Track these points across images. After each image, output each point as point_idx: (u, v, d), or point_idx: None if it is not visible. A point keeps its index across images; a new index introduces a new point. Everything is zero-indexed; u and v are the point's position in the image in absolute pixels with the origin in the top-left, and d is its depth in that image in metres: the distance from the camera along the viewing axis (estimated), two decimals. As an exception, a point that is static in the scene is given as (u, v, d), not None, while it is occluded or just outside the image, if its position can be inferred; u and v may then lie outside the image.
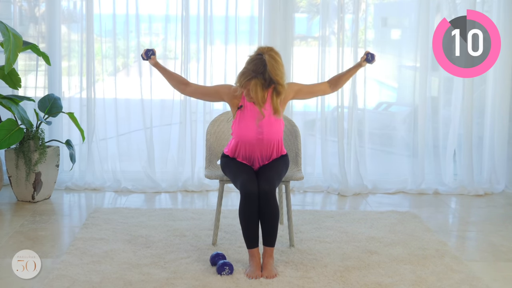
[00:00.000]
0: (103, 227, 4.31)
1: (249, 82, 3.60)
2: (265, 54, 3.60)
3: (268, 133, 3.74)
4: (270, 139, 3.75)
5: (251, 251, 3.62)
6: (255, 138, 3.73)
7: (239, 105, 3.76)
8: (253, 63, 3.62)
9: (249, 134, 3.74)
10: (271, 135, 3.75)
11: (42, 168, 4.92)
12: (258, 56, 3.62)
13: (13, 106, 4.74)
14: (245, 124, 3.74)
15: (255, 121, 3.72)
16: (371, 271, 3.65)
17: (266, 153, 3.78)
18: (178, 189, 5.37)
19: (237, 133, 3.79)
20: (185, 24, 5.26)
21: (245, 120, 3.74)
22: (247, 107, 3.73)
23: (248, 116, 3.73)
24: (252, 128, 3.73)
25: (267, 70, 3.57)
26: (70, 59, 5.39)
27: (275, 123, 3.74)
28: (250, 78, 3.60)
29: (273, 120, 3.74)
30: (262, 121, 3.72)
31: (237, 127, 3.77)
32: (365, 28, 5.47)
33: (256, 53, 3.66)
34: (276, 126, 3.75)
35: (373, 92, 5.73)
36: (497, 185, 5.51)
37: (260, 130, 3.73)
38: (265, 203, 3.58)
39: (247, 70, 3.62)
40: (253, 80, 3.59)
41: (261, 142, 3.75)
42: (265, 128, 3.73)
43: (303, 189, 5.41)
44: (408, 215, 4.70)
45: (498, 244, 4.19)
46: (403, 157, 5.63)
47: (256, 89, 3.59)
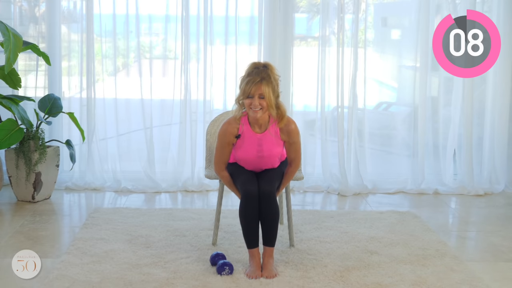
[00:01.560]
0: (103, 227, 4.31)
1: (259, 84, 3.54)
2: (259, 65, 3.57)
3: (268, 151, 3.69)
4: (271, 155, 3.72)
5: (251, 251, 3.62)
6: (255, 156, 3.71)
7: (237, 134, 3.68)
8: (256, 71, 3.55)
9: (250, 156, 3.71)
10: (271, 153, 3.71)
11: (42, 168, 4.92)
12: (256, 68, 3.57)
13: (13, 106, 4.74)
14: (245, 149, 3.70)
15: (255, 147, 3.67)
16: (371, 271, 3.65)
17: (266, 166, 3.76)
18: (178, 189, 5.37)
19: (237, 157, 3.76)
20: (185, 24, 5.25)
21: (244, 146, 3.70)
22: (246, 134, 3.68)
23: (247, 142, 3.69)
24: (253, 151, 3.69)
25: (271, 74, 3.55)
26: (70, 59, 5.39)
27: (276, 145, 3.70)
28: (259, 80, 3.53)
29: (274, 142, 3.70)
30: (262, 140, 3.67)
31: (237, 153, 3.74)
32: (365, 28, 5.47)
33: (251, 67, 3.59)
34: (277, 148, 3.71)
35: (373, 92, 5.73)
36: (497, 185, 5.51)
37: (260, 148, 3.67)
38: (265, 203, 3.58)
39: (253, 77, 3.52)
40: (264, 82, 3.52)
41: (261, 159, 3.72)
42: (264, 146, 3.68)
43: (303, 189, 5.41)
44: (408, 215, 4.70)
45: (498, 244, 4.19)
46: (403, 157, 5.63)
47: (269, 90, 3.53)
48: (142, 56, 5.39)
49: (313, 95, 5.40)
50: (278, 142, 3.71)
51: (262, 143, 3.68)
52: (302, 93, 5.53)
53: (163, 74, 5.48)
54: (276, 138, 3.69)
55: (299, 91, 5.47)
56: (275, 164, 3.76)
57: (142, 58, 5.38)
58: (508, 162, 5.56)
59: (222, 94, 5.37)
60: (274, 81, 3.57)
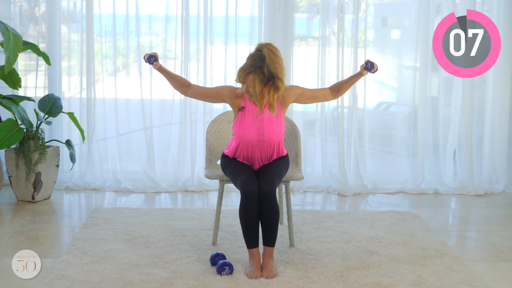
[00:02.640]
0: (103, 227, 4.31)
1: (247, 76, 3.61)
2: (264, 49, 3.61)
3: (268, 134, 3.73)
4: (270, 140, 3.75)
5: (251, 251, 3.62)
6: (256, 139, 3.73)
7: (241, 106, 3.76)
8: (251, 58, 3.64)
9: (250, 135, 3.74)
10: (272, 137, 3.75)
11: (42, 168, 4.92)
12: (257, 52, 3.65)
13: (13, 106, 4.74)
14: (246, 125, 3.74)
15: (257, 122, 3.72)
16: (371, 271, 3.65)
17: (267, 154, 3.78)
18: (178, 189, 5.37)
19: (238, 134, 3.78)
20: (185, 24, 5.26)
21: (246, 121, 3.74)
22: (248, 108, 3.73)
23: (249, 117, 3.73)
24: (253, 129, 3.73)
25: (266, 63, 3.58)
26: (70, 59, 5.39)
27: (275, 124, 3.74)
28: (249, 72, 3.60)
29: (274, 121, 3.73)
30: (263, 121, 3.71)
31: (238, 128, 3.77)
32: (365, 28, 5.47)
33: (256, 49, 3.69)
34: (276, 127, 3.75)
35: (373, 92, 5.73)
36: (497, 185, 5.51)
37: (260, 131, 3.72)
38: (265, 203, 3.58)
39: (246, 65, 3.63)
40: (251, 74, 3.60)
41: (261, 143, 3.74)
42: (265, 129, 3.72)
43: (303, 189, 5.41)
44: (408, 215, 4.70)
45: (498, 244, 4.19)
46: (403, 157, 5.63)
47: (254, 83, 3.60)
48: (142, 56, 5.38)
49: (313, 95, 5.39)
50: (278, 119, 3.74)
51: (263, 119, 3.71)
52: (302, 93, 5.52)
53: (164, 76, 5.47)
54: (277, 116, 3.72)
55: (299, 91, 5.47)
56: (273, 153, 3.78)
57: (142, 58, 5.37)
58: (508, 162, 5.56)
59: (222, 94, 5.37)
60: (272, 72, 3.59)
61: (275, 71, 3.59)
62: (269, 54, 3.59)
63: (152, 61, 3.88)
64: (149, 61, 3.88)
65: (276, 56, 3.61)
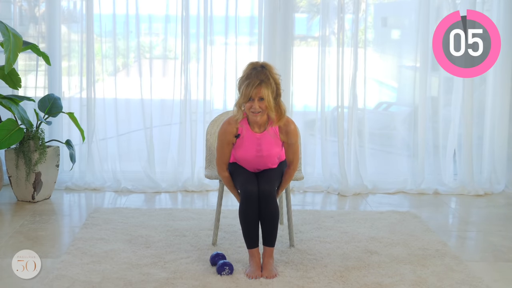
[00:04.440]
0: (103, 227, 4.31)
1: (259, 87, 3.51)
2: (257, 66, 3.56)
3: (267, 151, 3.70)
4: (269, 156, 3.72)
5: (251, 251, 3.62)
6: (254, 155, 3.72)
7: (237, 134, 3.69)
8: (254, 72, 3.54)
9: (248, 157, 3.72)
10: (270, 154, 3.71)
11: (42, 168, 4.92)
12: (254, 69, 3.56)
13: (13, 106, 4.74)
14: (244, 151, 3.71)
15: (254, 147, 3.67)
16: (371, 271, 3.65)
17: (266, 166, 3.76)
18: (178, 189, 5.37)
19: (236, 157, 3.76)
20: (185, 24, 5.25)
21: (243, 147, 3.70)
22: (246, 134, 3.69)
23: (246, 144, 3.69)
24: (252, 152, 3.70)
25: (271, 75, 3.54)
26: (70, 59, 5.39)
27: (275, 146, 3.71)
28: (259, 83, 3.52)
29: (273, 143, 3.70)
30: (262, 142, 3.67)
31: (236, 153, 3.74)
32: (365, 28, 5.47)
33: (249, 69, 3.58)
34: (276, 149, 3.71)
35: (373, 92, 5.73)
36: (497, 185, 5.51)
37: (259, 151, 3.68)
38: (265, 203, 3.58)
39: (251, 79, 3.52)
40: (263, 85, 3.51)
41: (260, 158, 3.73)
42: (264, 148, 3.68)
43: (303, 189, 5.41)
44: (408, 215, 4.70)
45: (498, 244, 4.19)
46: (403, 157, 5.63)
47: (268, 92, 3.51)
48: (142, 56, 5.39)
49: (313, 95, 5.40)
50: (277, 142, 3.71)
51: (261, 143, 3.68)
52: (302, 93, 5.53)
53: (163, 74, 5.48)
54: (275, 138, 3.69)
55: (299, 91, 5.48)
56: (274, 164, 3.77)
57: (142, 58, 5.38)
58: (508, 162, 5.56)
59: (222, 94, 5.37)
60: (274, 81, 3.57)
61: (276, 78, 3.58)
62: (268, 65, 3.57)
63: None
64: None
65: (272, 66, 3.60)
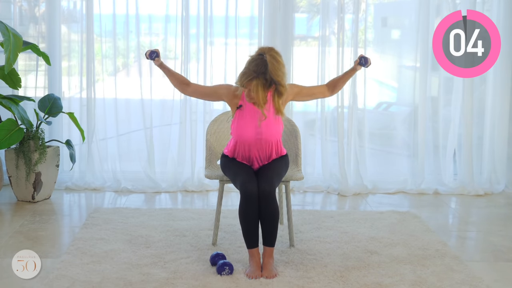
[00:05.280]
0: (103, 227, 4.31)
1: (250, 82, 3.59)
2: (266, 54, 3.60)
3: (266, 134, 3.74)
4: (268, 139, 3.75)
5: (251, 251, 3.62)
6: (253, 138, 3.73)
7: (239, 105, 3.76)
8: (254, 63, 3.61)
9: (248, 133, 3.74)
10: (270, 136, 3.75)
11: (42, 168, 4.92)
12: (259, 56, 3.61)
13: (13, 106, 4.74)
14: (244, 123, 3.74)
15: (255, 121, 3.72)
16: (371, 271, 3.65)
17: (265, 153, 3.78)
18: (178, 189, 5.37)
19: (235, 132, 3.79)
20: (185, 24, 5.26)
21: (244, 119, 3.75)
22: (247, 107, 3.73)
23: (247, 116, 3.74)
24: (251, 128, 3.73)
25: (268, 70, 3.57)
26: (70, 59, 5.40)
27: (274, 124, 3.75)
28: (251, 78, 3.59)
29: (273, 121, 3.74)
30: (262, 121, 3.72)
31: (236, 126, 3.78)
32: (365, 28, 5.47)
33: (257, 53, 3.65)
34: (275, 127, 3.75)
35: (373, 92, 5.73)
36: (497, 185, 5.51)
37: (258, 129, 3.72)
38: (265, 203, 3.58)
39: (248, 70, 3.60)
40: (255, 81, 3.59)
41: (259, 142, 3.75)
42: (263, 128, 3.73)
43: (303, 189, 5.41)
44: (408, 215, 4.70)
45: (498, 244, 4.19)
46: (403, 157, 5.63)
47: (257, 89, 3.59)
48: (142, 56, 5.39)
49: (313, 95, 5.39)
50: (276, 119, 3.74)
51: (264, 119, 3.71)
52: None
53: (163, 74, 5.46)
54: (275, 116, 3.73)
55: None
56: (272, 152, 3.78)
57: (142, 58, 5.38)
58: (508, 162, 5.56)
59: (222, 94, 5.37)
60: (273, 79, 3.58)
61: (277, 79, 3.59)
62: (272, 62, 3.58)
63: (154, 57, 3.88)
64: (151, 57, 3.88)
65: (278, 63, 3.60)
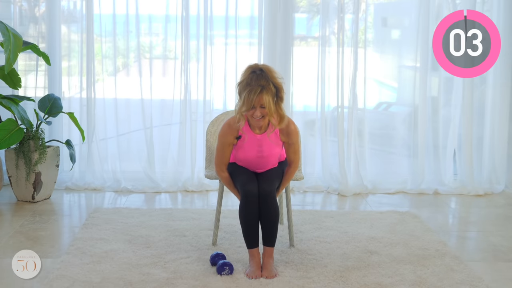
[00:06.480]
0: (103, 227, 4.31)
1: (260, 96, 3.50)
2: (256, 68, 3.55)
3: (268, 151, 3.71)
4: (270, 156, 3.73)
5: (251, 251, 3.62)
6: (255, 157, 3.72)
7: (238, 135, 3.69)
8: (254, 79, 3.52)
9: (249, 157, 3.72)
10: (271, 154, 3.72)
11: (42, 168, 4.92)
12: (253, 73, 3.54)
13: (13, 106, 4.74)
14: (245, 152, 3.71)
15: (256, 148, 3.67)
16: (371, 271, 3.65)
17: (266, 166, 3.77)
18: (178, 189, 5.37)
19: (237, 158, 3.77)
20: (185, 24, 5.25)
21: (244, 148, 3.70)
22: (246, 137, 3.68)
23: (247, 145, 3.69)
24: (253, 153, 3.70)
25: (270, 79, 3.53)
26: (70, 59, 5.39)
27: (276, 147, 3.71)
28: (261, 91, 3.50)
29: (274, 142, 3.70)
30: (263, 144, 3.67)
31: (237, 154, 3.75)
32: (365, 28, 5.47)
33: (249, 72, 3.56)
34: (277, 149, 3.72)
35: (373, 92, 5.73)
36: (497, 185, 5.51)
37: (260, 152, 3.69)
38: (265, 203, 3.58)
39: (253, 87, 3.50)
40: (264, 93, 3.50)
41: (261, 159, 3.73)
42: (265, 149, 3.69)
43: (303, 189, 5.41)
44: (408, 215, 4.70)
45: (498, 244, 4.19)
46: (403, 157, 5.63)
47: (269, 100, 3.51)
48: (142, 56, 5.39)
49: (313, 95, 5.40)
50: (277, 143, 3.71)
51: (262, 144, 3.68)
52: (302, 93, 5.53)
53: (163, 74, 5.48)
54: (276, 139, 3.70)
55: (299, 91, 5.47)
56: (274, 164, 3.77)
57: (142, 58, 5.38)
58: (508, 162, 5.56)
59: (222, 94, 5.37)
60: (274, 85, 3.56)
61: (277, 82, 3.57)
62: (267, 68, 3.56)
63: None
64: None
65: (272, 69, 3.58)
